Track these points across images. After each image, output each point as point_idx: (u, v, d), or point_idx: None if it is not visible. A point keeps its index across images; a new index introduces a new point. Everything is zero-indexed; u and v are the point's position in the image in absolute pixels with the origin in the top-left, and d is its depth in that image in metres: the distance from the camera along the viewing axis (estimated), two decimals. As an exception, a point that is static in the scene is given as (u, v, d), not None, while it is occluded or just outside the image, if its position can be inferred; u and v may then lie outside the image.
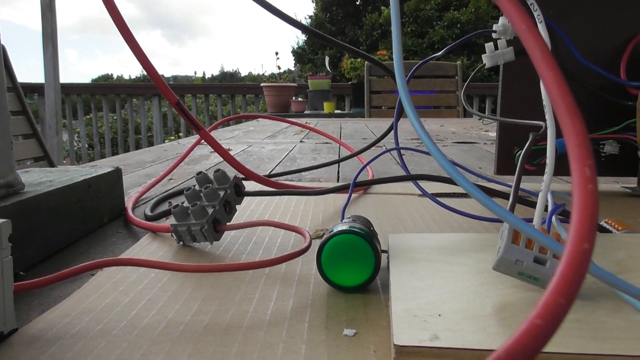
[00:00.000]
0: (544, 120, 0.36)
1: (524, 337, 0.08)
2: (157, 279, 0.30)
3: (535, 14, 0.38)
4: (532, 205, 0.38)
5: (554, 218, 0.27)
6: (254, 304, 0.26)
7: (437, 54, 0.49)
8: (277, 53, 3.89)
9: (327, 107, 3.49)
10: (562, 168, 0.49)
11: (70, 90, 3.72)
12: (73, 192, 0.38)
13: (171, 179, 0.70)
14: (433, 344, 0.18)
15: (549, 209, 0.28)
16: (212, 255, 0.34)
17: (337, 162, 0.65)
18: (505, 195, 0.40)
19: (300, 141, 1.29)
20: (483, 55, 0.49)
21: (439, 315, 0.21)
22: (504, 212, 0.14)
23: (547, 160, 0.27)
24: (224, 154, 0.40)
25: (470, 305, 0.22)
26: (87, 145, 4.12)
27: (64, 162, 3.65)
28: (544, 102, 0.30)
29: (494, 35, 0.47)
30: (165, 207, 0.50)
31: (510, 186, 0.49)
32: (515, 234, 0.23)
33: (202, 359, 0.21)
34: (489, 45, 0.48)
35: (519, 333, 0.08)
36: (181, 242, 0.36)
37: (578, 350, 0.18)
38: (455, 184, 0.41)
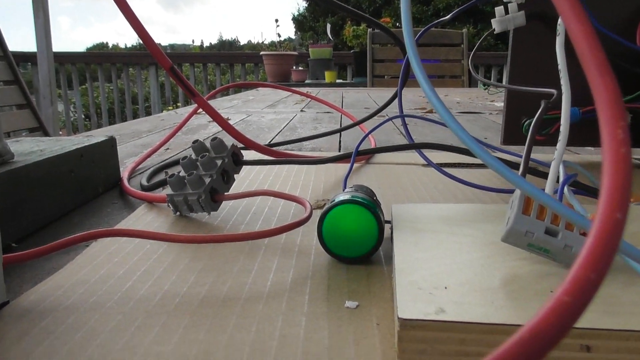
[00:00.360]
0: (556, 87, 0.34)
1: (550, 315, 0.07)
2: (152, 250, 0.29)
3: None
4: (542, 175, 0.37)
5: (565, 188, 0.26)
6: (253, 276, 0.26)
7: (443, 18, 0.48)
8: (277, 20, 3.83)
9: (328, 76, 3.45)
10: (573, 138, 0.48)
11: (64, 59, 3.68)
12: (65, 161, 0.38)
13: (168, 148, 0.69)
14: (439, 318, 0.18)
15: (560, 179, 0.27)
16: (210, 226, 0.34)
17: (339, 131, 0.64)
18: (514, 165, 0.39)
19: (301, 110, 1.28)
20: (492, 20, 0.47)
21: (445, 287, 0.20)
22: (520, 179, 0.14)
23: (562, 128, 0.26)
24: (222, 122, 0.39)
25: (477, 277, 0.21)
26: (83, 116, 4.10)
27: (60, 132, 3.64)
28: (560, 66, 0.29)
29: (504, -1, 0.46)
30: (161, 177, 0.49)
31: (518, 155, 0.48)
32: (526, 204, 0.22)
33: (198, 331, 0.20)
34: (499, 9, 0.47)
35: (545, 311, 0.08)
36: (178, 213, 0.36)
37: (590, 325, 0.18)
38: (461, 153, 0.40)
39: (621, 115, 0.09)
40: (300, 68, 3.60)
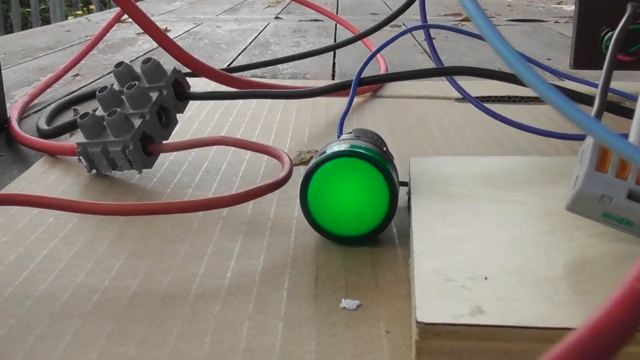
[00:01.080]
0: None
1: (618, 308, 0.08)
2: (58, 225, 0.29)
3: None
4: (627, 114, 0.37)
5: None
6: (206, 263, 0.26)
7: None
8: None
9: (316, -35, 3.39)
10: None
11: None
12: None
13: (77, 74, 0.68)
14: (475, 321, 0.18)
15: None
16: (142, 190, 0.34)
17: (333, 49, 0.64)
18: (587, 100, 0.39)
19: (276, 17, 1.26)
20: None
21: (485, 278, 0.21)
22: (590, 121, 0.14)
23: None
24: (158, 35, 0.39)
25: (531, 263, 0.22)
26: (-52, 24, 4.01)
27: None
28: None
29: None
30: (69, 117, 0.49)
31: (594, 85, 0.48)
32: (601, 157, 0.22)
33: (128, 342, 0.21)
34: None
35: (611, 302, 0.08)
36: (94, 170, 0.36)
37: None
38: (512, 82, 0.40)
39: None
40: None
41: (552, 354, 0.08)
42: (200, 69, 0.40)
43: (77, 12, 3.72)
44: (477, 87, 0.55)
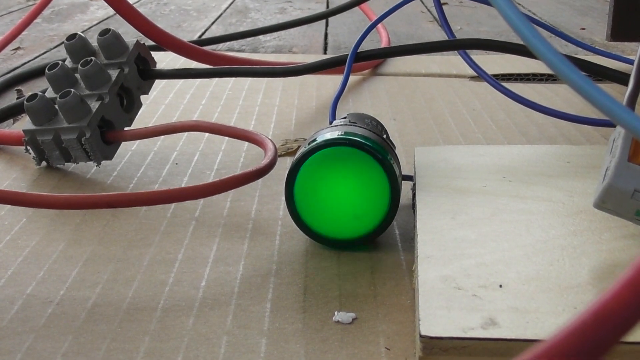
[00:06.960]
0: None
1: (622, 292, 0.08)
2: (4, 226, 0.30)
3: None
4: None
5: None
6: (176, 270, 0.26)
7: None
8: None
9: None
10: None
11: None
12: None
13: (18, 48, 0.68)
14: (488, 334, 0.19)
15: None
16: (100, 185, 0.34)
17: (325, 16, 0.64)
18: (623, 79, 0.39)
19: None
20: None
21: (500, 286, 0.21)
22: (618, 107, 0.14)
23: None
24: (116, 0, 0.38)
25: (554, 269, 0.22)
26: None
27: None
28: None
29: None
30: (11, 99, 0.49)
31: (632, 62, 0.48)
32: (635, 146, 0.22)
33: (88, 362, 0.21)
34: None
35: (616, 287, 0.08)
36: (44, 163, 0.36)
37: None
38: (534, 57, 0.40)
39: None
40: None
41: (553, 339, 0.08)
42: (166, 42, 0.40)
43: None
44: (497, 63, 0.55)
